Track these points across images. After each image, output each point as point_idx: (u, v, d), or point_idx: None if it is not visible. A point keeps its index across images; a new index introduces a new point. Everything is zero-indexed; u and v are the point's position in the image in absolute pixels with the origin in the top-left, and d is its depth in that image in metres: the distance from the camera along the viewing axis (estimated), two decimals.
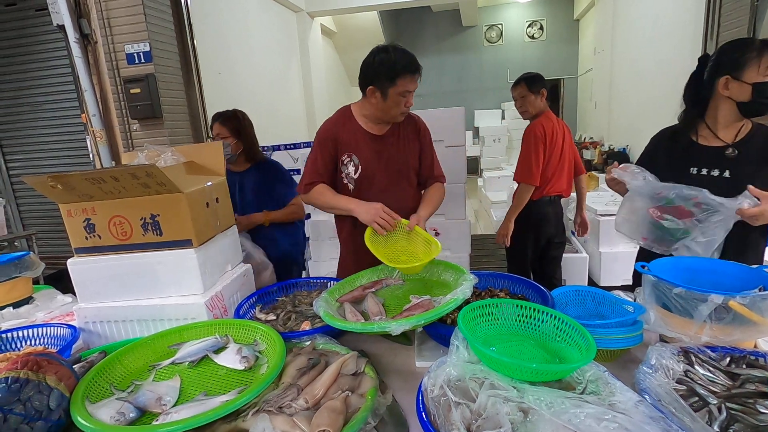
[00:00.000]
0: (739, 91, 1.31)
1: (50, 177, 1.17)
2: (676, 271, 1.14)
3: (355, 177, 1.62)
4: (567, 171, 2.56)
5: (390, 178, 1.66)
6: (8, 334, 1.29)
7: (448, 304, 1.03)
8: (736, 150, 1.35)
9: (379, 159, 1.63)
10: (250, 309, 1.41)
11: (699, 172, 1.39)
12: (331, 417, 0.79)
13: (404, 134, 1.68)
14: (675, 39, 4.91)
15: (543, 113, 2.50)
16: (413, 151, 1.70)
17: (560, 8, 10.47)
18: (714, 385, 0.85)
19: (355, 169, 1.61)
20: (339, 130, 1.61)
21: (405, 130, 1.68)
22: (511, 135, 8.36)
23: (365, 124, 1.63)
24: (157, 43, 3.22)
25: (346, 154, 1.61)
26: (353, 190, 1.64)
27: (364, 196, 1.60)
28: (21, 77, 3.58)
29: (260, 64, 5.91)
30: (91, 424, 0.80)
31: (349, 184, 1.64)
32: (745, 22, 2.79)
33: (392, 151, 1.65)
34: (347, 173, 1.62)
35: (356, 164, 1.61)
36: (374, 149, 1.63)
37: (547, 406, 0.71)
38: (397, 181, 1.68)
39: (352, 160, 1.61)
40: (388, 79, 1.46)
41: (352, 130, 1.62)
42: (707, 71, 1.39)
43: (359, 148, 1.61)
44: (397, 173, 1.67)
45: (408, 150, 1.68)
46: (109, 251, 1.29)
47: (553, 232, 2.60)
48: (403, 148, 1.67)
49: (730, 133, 1.38)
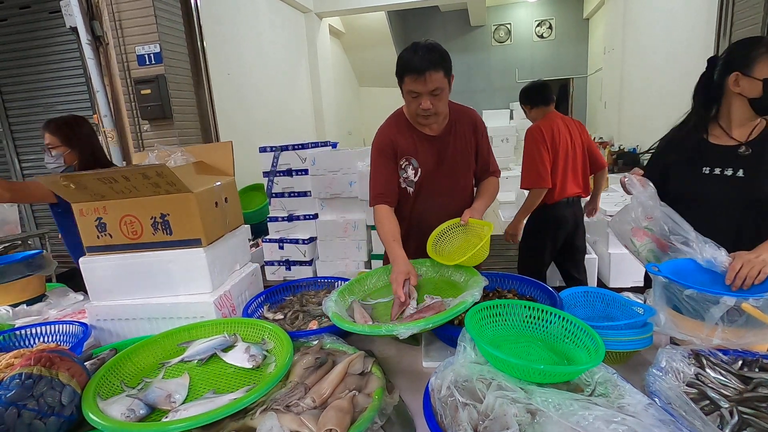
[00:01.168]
0: (750, 87, 1.29)
1: (63, 176, 1.19)
2: (688, 272, 1.12)
3: (416, 180, 1.58)
4: (582, 170, 2.50)
5: (450, 179, 1.61)
6: (22, 331, 1.31)
7: (457, 307, 1.03)
8: (750, 148, 1.33)
9: (438, 160, 1.58)
10: (258, 308, 1.42)
11: (712, 171, 1.36)
12: (338, 416, 0.79)
13: (461, 131, 1.61)
14: (686, 38, 4.85)
15: (545, 116, 2.48)
16: (471, 148, 1.64)
17: (569, 7, 10.38)
18: (725, 388, 0.84)
19: (415, 172, 1.57)
20: (395, 135, 1.56)
21: (462, 127, 1.61)
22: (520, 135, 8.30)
23: (421, 127, 1.57)
24: (168, 45, 3.26)
25: (404, 158, 1.57)
26: (413, 194, 1.60)
27: (425, 200, 1.60)
28: (34, 78, 3.63)
29: (269, 64, 5.94)
30: (102, 420, 0.81)
31: (408, 188, 1.60)
32: (759, 21, 2.75)
33: (450, 150, 1.59)
34: (406, 177, 1.59)
35: (415, 167, 1.57)
36: (432, 150, 1.57)
37: (555, 407, 0.70)
38: (456, 181, 1.63)
39: (411, 164, 1.57)
40: (398, 77, 1.44)
41: (409, 133, 1.57)
42: (717, 70, 1.37)
43: (417, 151, 1.56)
44: (456, 173, 1.63)
45: (466, 148, 1.62)
46: (120, 250, 1.31)
47: (572, 234, 2.55)
48: (461, 146, 1.61)
49: (743, 131, 1.35)
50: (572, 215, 2.52)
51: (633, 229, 1.34)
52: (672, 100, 5.26)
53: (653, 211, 1.28)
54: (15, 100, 3.74)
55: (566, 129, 2.45)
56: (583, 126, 2.56)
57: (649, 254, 1.31)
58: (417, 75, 1.36)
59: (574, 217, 2.53)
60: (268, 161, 3.51)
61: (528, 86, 2.53)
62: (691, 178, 1.38)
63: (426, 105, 1.41)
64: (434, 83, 1.37)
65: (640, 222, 1.32)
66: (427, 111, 1.43)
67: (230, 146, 1.52)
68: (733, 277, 1.07)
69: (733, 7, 2.99)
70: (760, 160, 1.30)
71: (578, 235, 2.59)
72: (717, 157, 1.37)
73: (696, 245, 1.17)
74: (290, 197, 3.52)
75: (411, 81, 1.39)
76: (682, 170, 1.41)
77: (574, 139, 2.46)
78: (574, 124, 2.51)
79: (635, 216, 1.34)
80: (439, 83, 1.38)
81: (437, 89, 1.39)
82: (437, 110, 1.44)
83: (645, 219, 1.31)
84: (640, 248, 1.32)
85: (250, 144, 3.91)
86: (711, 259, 1.12)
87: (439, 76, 1.37)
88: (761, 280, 1.05)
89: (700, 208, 1.33)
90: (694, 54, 4.52)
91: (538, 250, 2.57)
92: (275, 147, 3.48)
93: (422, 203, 1.61)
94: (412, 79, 1.38)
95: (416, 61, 1.36)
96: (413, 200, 1.61)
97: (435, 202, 1.60)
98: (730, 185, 1.29)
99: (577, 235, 2.57)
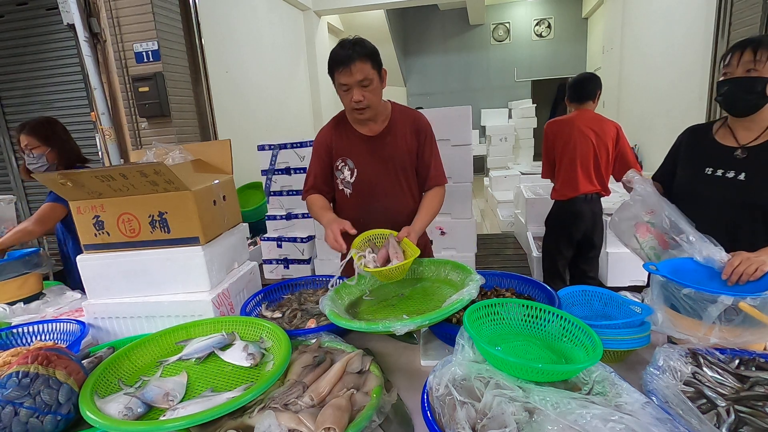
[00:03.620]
0: None
1: (60, 174, 1.18)
2: (685, 271, 1.13)
3: (352, 181, 1.60)
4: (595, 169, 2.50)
5: (389, 179, 1.60)
6: (19, 329, 1.30)
7: (454, 304, 1.03)
8: (746, 152, 1.30)
9: (375, 160, 1.58)
10: (256, 306, 1.42)
11: (714, 172, 1.34)
12: (336, 415, 0.79)
13: (401, 132, 1.59)
14: (685, 38, 4.85)
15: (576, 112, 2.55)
16: (411, 148, 1.61)
17: (568, 6, 10.38)
18: (722, 387, 0.84)
19: (351, 173, 1.59)
20: (333, 136, 1.60)
21: (402, 128, 1.59)
22: (518, 134, 8.31)
23: (358, 127, 1.59)
24: (166, 42, 3.24)
25: (339, 159, 1.59)
26: (351, 195, 1.61)
27: (364, 201, 1.60)
28: (31, 75, 3.61)
29: (267, 62, 5.92)
30: (100, 419, 0.81)
31: (345, 189, 1.61)
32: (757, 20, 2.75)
33: (389, 150, 1.58)
34: (343, 179, 1.61)
35: (351, 168, 1.59)
36: (368, 150, 1.58)
37: (552, 406, 0.70)
38: (396, 181, 1.61)
39: (346, 164, 1.59)
40: (330, 75, 1.47)
41: (346, 134, 1.59)
42: None
43: (353, 152, 1.58)
44: (396, 174, 1.60)
45: (405, 148, 1.60)
46: (118, 248, 1.30)
47: (590, 230, 2.59)
48: (400, 146, 1.59)
49: (749, 134, 1.31)
50: (590, 212, 2.56)
51: (636, 225, 1.34)
52: (670, 100, 5.27)
53: (655, 205, 1.28)
54: (12, 97, 3.71)
55: (587, 128, 2.46)
56: (615, 128, 2.52)
57: (650, 252, 1.31)
58: (344, 66, 1.40)
59: (592, 213, 2.56)
60: (266, 159, 3.51)
61: (572, 79, 2.60)
62: (694, 177, 1.37)
63: (357, 97, 1.43)
64: (362, 73, 1.40)
65: (641, 217, 1.33)
66: (359, 103, 1.44)
67: (228, 144, 1.52)
68: (731, 272, 1.07)
69: (731, 7, 3.00)
70: (760, 165, 1.28)
71: (596, 233, 2.63)
72: (719, 158, 1.35)
73: (696, 242, 1.17)
74: (288, 195, 3.52)
75: (339, 74, 1.42)
76: (688, 168, 1.40)
77: (591, 140, 2.46)
78: (604, 124, 2.50)
79: (636, 212, 1.34)
80: (367, 73, 1.41)
81: (365, 80, 1.42)
82: (370, 103, 1.45)
83: (646, 213, 1.31)
84: (642, 245, 1.32)
85: (249, 142, 3.90)
86: (710, 256, 1.12)
87: (366, 67, 1.41)
88: (757, 277, 1.05)
89: (699, 207, 1.32)
90: (693, 53, 4.53)
91: (555, 243, 2.69)
92: (273, 145, 3.48)
93: (362, 206, 1.61)
94: (340, 72, 1.41)
95: (342, 54, 1.40)
96: (352, 203, 1.62)
97: (376, 204, 1.60)
98: (729, 188, 1.28)
99: (595, 232, 2.62)
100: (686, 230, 1.20)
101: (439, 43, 11.06)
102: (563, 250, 2.67)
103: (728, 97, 1.27)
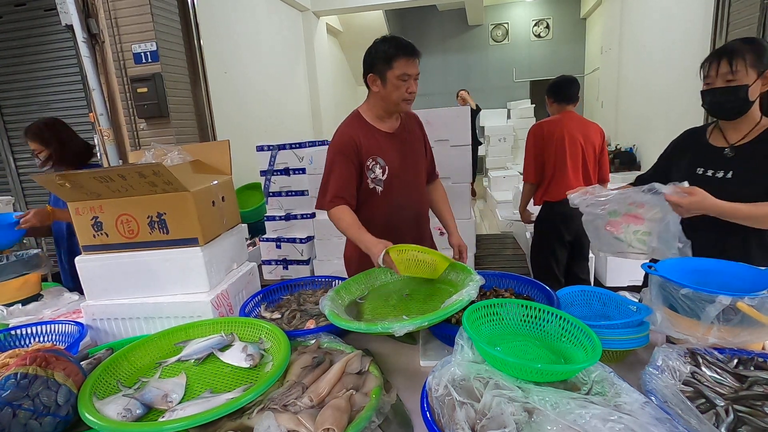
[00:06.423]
0: None
1: (59, 175, 1.18)
2: (684, 271, 1.13)
3: (384, 179, 1.60)
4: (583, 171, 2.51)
5: (413, 173, 1.68)
6: (17, 331, 1.30)
7: (454, 305, 1.03)
8: (734, 151, 1.33)
9: (400, 156, 1.63)
10: (256, 307, 1.42)
11: (705, 172, 1.37)
12: (335, 415, 0.79)
13: (411, 129, 1.69)
14: (683, 38, 4.86)
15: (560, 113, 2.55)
16: (422, 145, 1.74)
17: (567, 7, 10.40)
18: (721, 386, 0.84)
19: (383, 171, 1.59)
20: (358, 135, 1.56)
21: (411, 124, 1.69)
22: (517, 134, 8.31)
23: (378, 124, 1.61)
24: (164, 43, 3.24)
25: (370, 158, 1.57)
26: (381, 192, 1.61)
27: (394, 197, 1.62)
28: (30, 76, 3.60)
29: (266, 63, 5.92)
30: (99, 420, 0.81)
31: (377, 187, 1.60)
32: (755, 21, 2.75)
33: (408, 145, 1.66)
34: (374, 177, 1.59)
35: (383, 166, 1.59)
36: (393, 147, 1.62)
37: (552, 406, 0.70)
38: (417, 176, 1.70)
39: (377, 163, 1.58)
40: (385, 62, 1.47)
41: (371, 133, 1.59)
42: None
43: (382, 149, 1.59)
44: (417, 169, 1.70)
45: (419, 144, 1.72)
46: (117, 249, 1.30)
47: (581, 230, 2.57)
48: (415, 141, 1.69)
49: (738, 134, 1.34)
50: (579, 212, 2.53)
51: (606, 227, 1.37)
52: (669, 100, 5.28)
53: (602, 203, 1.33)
54: (10, 98, 3.71)
55: (575, 130, 2.48)
56: (599, 132, 2.55)
57: (636, 237, 1.31)
58: (412, 57, 1.47)
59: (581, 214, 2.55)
60: (265, 160, 3.50)
61: (555, 80, 2.59)
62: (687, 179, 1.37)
63: (414, 88, 1.51)
64: (418, 68, 1.51)
65: (603, 217, 1.36)
66: (412, 94, 1.52)
67: (227, 145, 1.52)
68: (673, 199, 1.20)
69: (729, 7, 3.00)
70: (747, 163, 1.30)
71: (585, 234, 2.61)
72: (709, 158, 1.38)
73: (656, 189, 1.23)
74: (287, 196, 3.52)
75: (404, 63, 1.46)
76: (681, 170, 1.43)
77: (579, 141, 2.48)
78: (590, 127, 2.53)
79: (594, 218, 1.39)
80: None
81: (419, 74, 1.53)
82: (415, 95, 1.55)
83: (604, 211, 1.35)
84: (625, 238, 1.33)
85: (248, 143, 3.89)
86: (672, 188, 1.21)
87: None
88: None
89: None
90: (691, 53, 4.53)
91: (546, 246, 2.66)
92: (272, 146, 3.47)
93: (394, 201, 1.63)
94: (407, 62, 1.46)
95: (410, 45, 1.47)
96: (383, 200, 1.62)
97: (404, 200, 1.64)
98: (718, 187, 1.28)
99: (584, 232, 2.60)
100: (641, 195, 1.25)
101: (438, 43, 11.07)
102: (557, 252, 2.64)
103: (713, 105, 1.32)
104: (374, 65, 1.51)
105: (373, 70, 1.51)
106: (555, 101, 2.57)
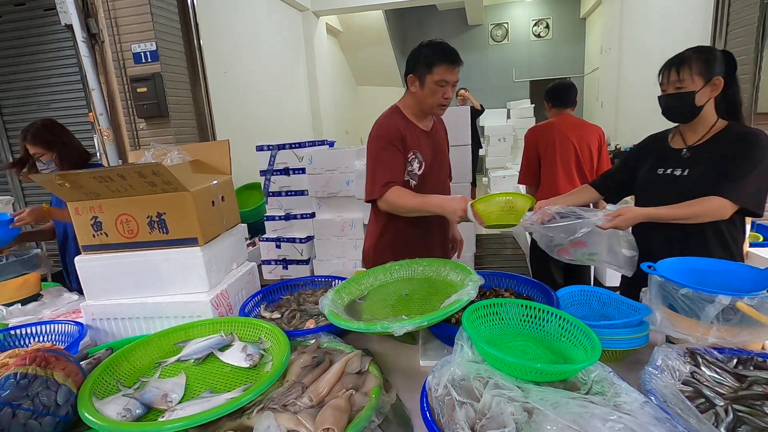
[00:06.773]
0: None
1: (58, 175, 1.18)
2: (683, 271, 1.13)
3: (419, 173, 1.64)
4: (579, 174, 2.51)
5: (442, 171, 1.76)
6: (17, 331, 1.30)
7: (453, 305, 1.03)
8: (690, 152, 1.42)
9: (433, 153, 1.67)
10: (255, 307, 1.42)
11: (665, 171, 1.47)
12: (335, 415, 0.79)
13: (439, 129, 1.75)
14: (683, 38, 4.86)
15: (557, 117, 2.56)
16: (447, 147, 1.81)
17: (567, 6, 10.40)
18: (721, 386, 0.84)
19: (420, 165, 1.63)
20: (403, 128, 1.59)
21: (438, 125, 1.75)
22: (517, 135, 8.31)
23: (416, 121, 1.64)
24: (164, 43, 3.23)
25: (411, 152, 1.60)
26: (414, 186, 1.64)
27: (425, 192, 1.62)
28: (29, 76, 3.60)
29: (266, 63, 5.92)
30: (98, 420, 0.81)
31: (411, 180, 1.63)
32: (755, 20, 2.75)
33: (438, 147, 1.72)
34: (411, 170, 1.63)
35: (420, 161, 1.62)
36: (429, 144, 1.66)
37: (551, 406, 0.70)
38: (444, 175, 1.78)
39: (416, 158, 1.62)
40: (425, 66, 1.50)
41: (411, 127, 1.62)
42: None
43: (420, 145, 1.62)
44: (443, 168, 1.78)
45: (445, 146, 1.80)
46: (116, 249, 1.30)
47: None
48: (443, 141, 1.77)
49: (695, 135, 1.43)
50: None
51: (557, 252, 1.48)
52: None
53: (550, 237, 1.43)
54: (9, 98, 3.70)
55: (569, 132, 2.48)
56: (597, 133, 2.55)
57: (584, 257, 1.46)
58: (453, 65, 1.50)
59: None
60: (265, 160, 3.50)
61: (553, 85, 2.61)
62: (649, 178, 1.50)
63: (450, 95, 1.54)
64: (458, 76, 1.54)
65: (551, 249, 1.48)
66: (448, 100, 1.56)
67: (227, 145, 1.52)
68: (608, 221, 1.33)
69: (729, 7, 3.00)
70: (700, 161, 1.39)
71: None
72: (669, 159, 1.47)
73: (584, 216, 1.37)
74: (287, 196, 3.52)
75: (446, 70, 1.49)
76: (645, 172, 1.53)
77: (573, 143, 2.48)
78: (586, 129, 2.52)
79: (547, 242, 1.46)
80: None
81: (457, 81, 1.55)
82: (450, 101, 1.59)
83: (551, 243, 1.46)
84: (577, 258, 1.48)
85: (247, 142, 3.89)
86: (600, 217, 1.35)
87: None
88: None
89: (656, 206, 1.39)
90: None
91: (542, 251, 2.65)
92: (272, 146, 3.47)
93: None
94: (448, 69, 1.49)
95: (453, 53, 1.51)
96: None
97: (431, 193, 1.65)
98: (676, 184, 1.41)
99: None
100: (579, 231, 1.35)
101: None
102: None
103: (666, 110, 1.43)
104: (416, 67, 1.53)
105: (414, 72, 1.54)
106: (553, 106, 2.59)
